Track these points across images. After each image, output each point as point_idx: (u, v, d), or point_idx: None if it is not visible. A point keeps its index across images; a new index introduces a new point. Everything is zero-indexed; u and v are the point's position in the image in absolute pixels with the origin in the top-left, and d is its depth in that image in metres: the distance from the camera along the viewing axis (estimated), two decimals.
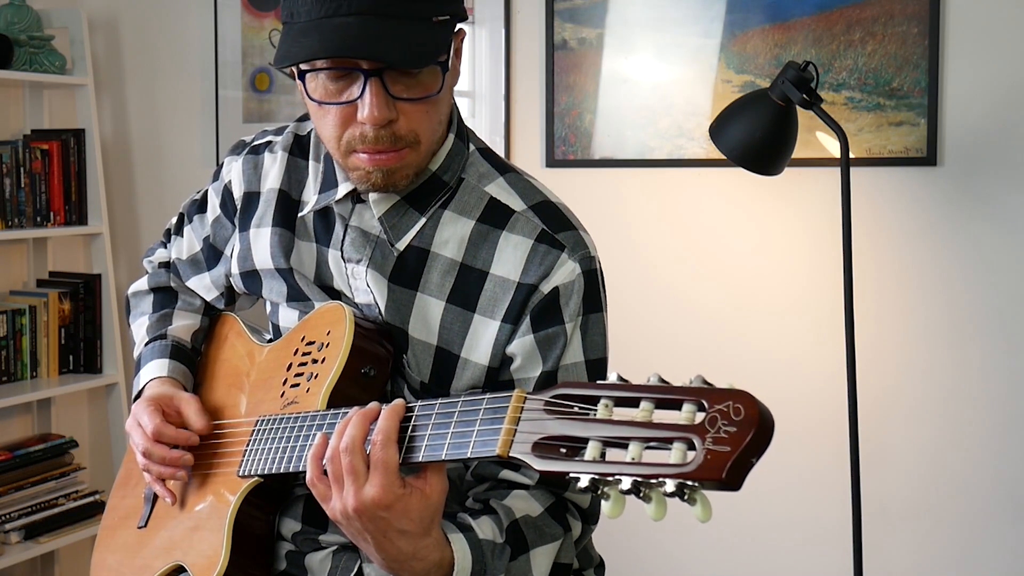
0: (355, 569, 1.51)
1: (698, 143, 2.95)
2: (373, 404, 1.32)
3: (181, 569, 1.54)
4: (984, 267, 2.75)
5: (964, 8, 2.72)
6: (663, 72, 2.98)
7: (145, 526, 1.66)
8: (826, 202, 2.83)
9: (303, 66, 1.39)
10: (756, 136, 2.56)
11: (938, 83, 2.73)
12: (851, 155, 2.64)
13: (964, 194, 2.74)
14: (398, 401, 1.30)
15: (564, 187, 1.74)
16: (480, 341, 1.48)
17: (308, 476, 1.32)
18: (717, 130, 2.63)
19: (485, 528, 1.39)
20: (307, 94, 1.41)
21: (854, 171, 2.71)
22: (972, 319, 2.77)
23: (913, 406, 2.82)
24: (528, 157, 3.12)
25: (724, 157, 2.64)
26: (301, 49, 1.35)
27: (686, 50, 2.95)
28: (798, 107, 2.56)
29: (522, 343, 1.46)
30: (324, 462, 1.30)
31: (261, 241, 1.61)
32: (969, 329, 2.77)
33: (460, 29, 1.46)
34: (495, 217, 1.50)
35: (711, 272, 2.99)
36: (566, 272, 1.46)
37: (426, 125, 1.42)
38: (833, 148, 2.78)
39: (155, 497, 1.66)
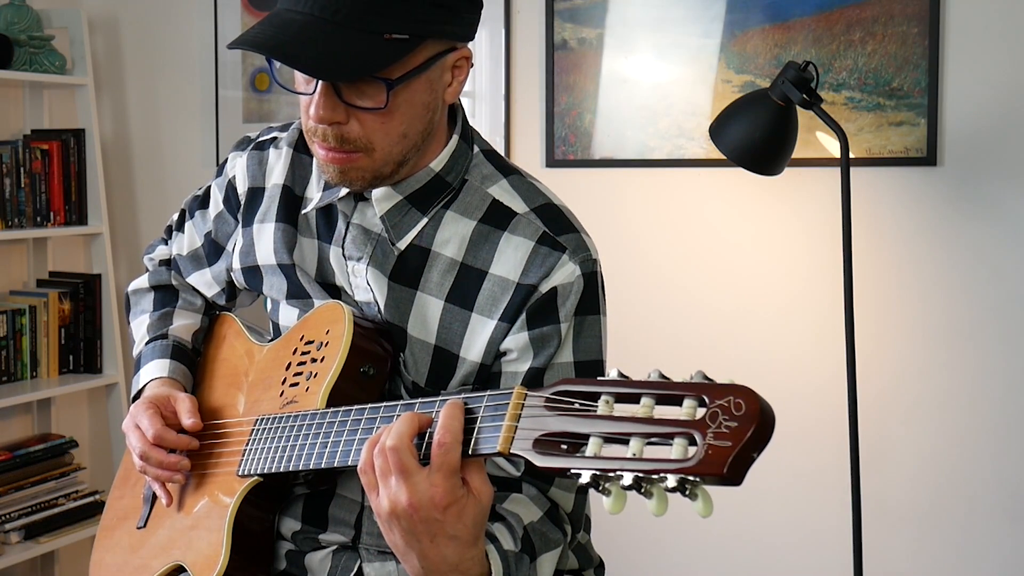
0: (355, 569, 1.51)
1: (698, 143, 2.95)
2: (424, 413, 1.28)
3: (181, 569, 1.54)
4: (984, 267, 2.75)
5: (964, 8, 2.72)
6: (663, 72, 2.99)
7: (144, 526, 1.66)
8: (826, 202, 2.83)
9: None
10: (756, 136, 2.57)
11: (938, 83, 2.73)
12: (851, 155, 2.65)
13: (964, 194, 2.74)
14: (456, 400, 1.25)
15: (564, 187, 1.74)
16: (477, 340, 1.48)
17: (361, 463, 1.27)
18: (717, 130, 2.63)
19: (506, 538, 1.38)
20: (274, 77, 1.44)
21: (854, 171, 2.72)
22: (972, 319, 2.77)
23: (913, 405, 2.83)
24: (528, 157, 3.12)
25: (724, 157, 2.64)
26: (244, 36, 1.38)
27: (686, 50, 2.95)
28: (798, 107, 2.56)
29: (516, 339, 1.46)
30: (375, 453, 1.26)
31: (265, 237, 1.61)
32: (968, 329, 2.77)
33: (460, 48, 1.45)
34: (497, 218, 1.50)
35: (711, 272, 2.99)
36: (566, 273, 1.46)
37: (380, 135, 1.41)
38: (833, 148, 2.78)
39: (154, 497, 1.66)
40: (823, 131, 2.79)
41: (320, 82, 1.37)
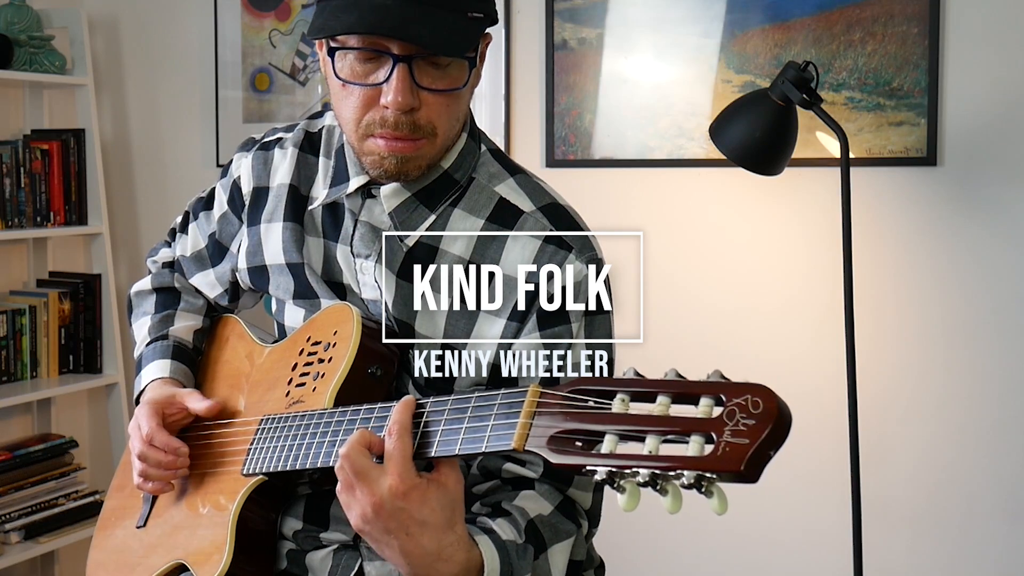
0: (356, 568, 1.51)
1: (698, 143, 2.95)
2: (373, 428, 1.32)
3: (182, 568, 1.54)
4: (983, 267, 2.76)
5: (964, 8, 2.73)
6: (663, 72, 2.99)
7: (144, 525, 1.66)
8: (826, 202, 2.83)
9: (334, 43, 1.41)
10: (756, 136, 2.57)
11: (938, 83, 2.74)
12: (851, 155, 2.65)
13: (964, 194, 2.75)
14: (408, 397, 1.30)
15: (564, 187, 1.74)
16: (485, 338, 1.49)
17: (339, 487, 1.31)
18: (717, 130, 2.64)
19: (506, 529, 1.39)
20: (335, 72, 1.42)
21: (854, 171, 2.72)
22: (971, 319, 2.78)
23: (912, 405, 2.83)
24: (528, 157, 3.12)
25: (724, 157, 2.65)
26: (338, 23, 1.38)
27: (686, 50, 2.96)
28: (798, 107, 2.56)
29: (527, 342, 1.47)
30: (336, 471, 1.29)
31: (273, 236, 1.62)
32: (968, 328, 2.78)
33: (488, 33, 1.48)
34: (504, 217, 1.51)
35: (711, 272, 2.99)
36: (573, 272, 1.47)
37: (445, 118, 1.44)
38: (833, 148, 2.79)
39: (154, 497, 1.67)
40: (823, 131, 2.80)
41: (397, 68, 1.38)
